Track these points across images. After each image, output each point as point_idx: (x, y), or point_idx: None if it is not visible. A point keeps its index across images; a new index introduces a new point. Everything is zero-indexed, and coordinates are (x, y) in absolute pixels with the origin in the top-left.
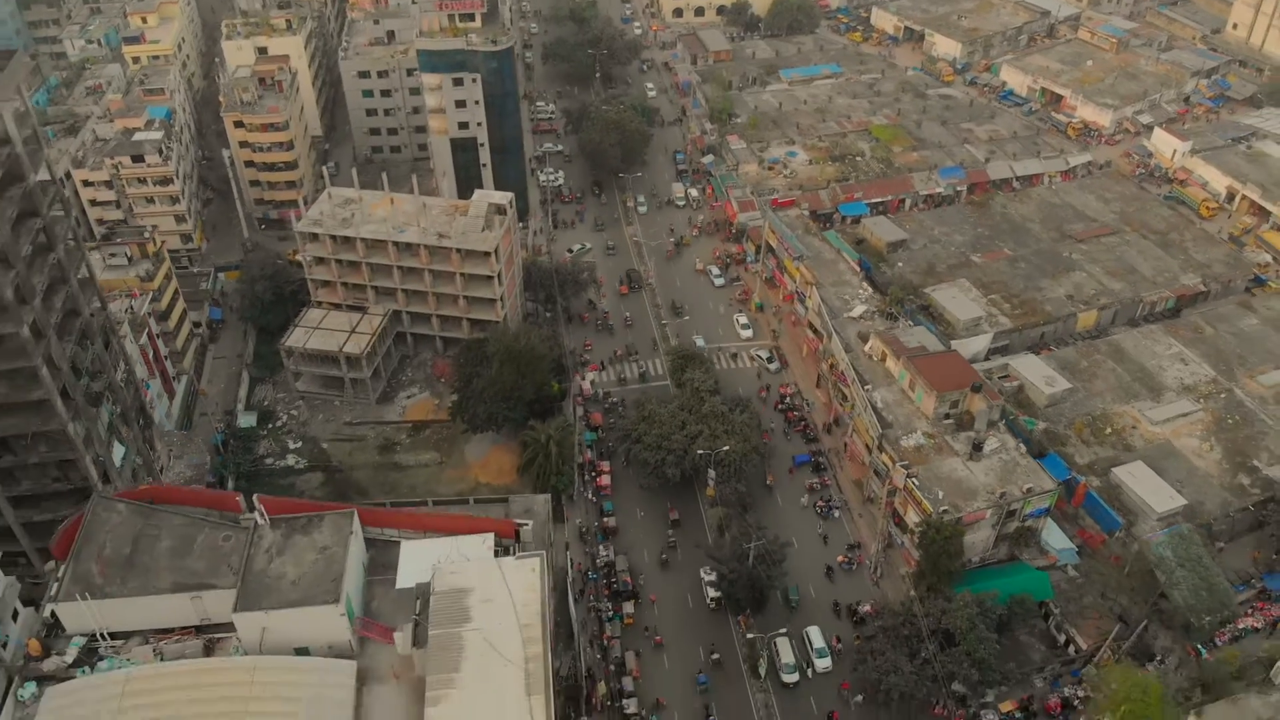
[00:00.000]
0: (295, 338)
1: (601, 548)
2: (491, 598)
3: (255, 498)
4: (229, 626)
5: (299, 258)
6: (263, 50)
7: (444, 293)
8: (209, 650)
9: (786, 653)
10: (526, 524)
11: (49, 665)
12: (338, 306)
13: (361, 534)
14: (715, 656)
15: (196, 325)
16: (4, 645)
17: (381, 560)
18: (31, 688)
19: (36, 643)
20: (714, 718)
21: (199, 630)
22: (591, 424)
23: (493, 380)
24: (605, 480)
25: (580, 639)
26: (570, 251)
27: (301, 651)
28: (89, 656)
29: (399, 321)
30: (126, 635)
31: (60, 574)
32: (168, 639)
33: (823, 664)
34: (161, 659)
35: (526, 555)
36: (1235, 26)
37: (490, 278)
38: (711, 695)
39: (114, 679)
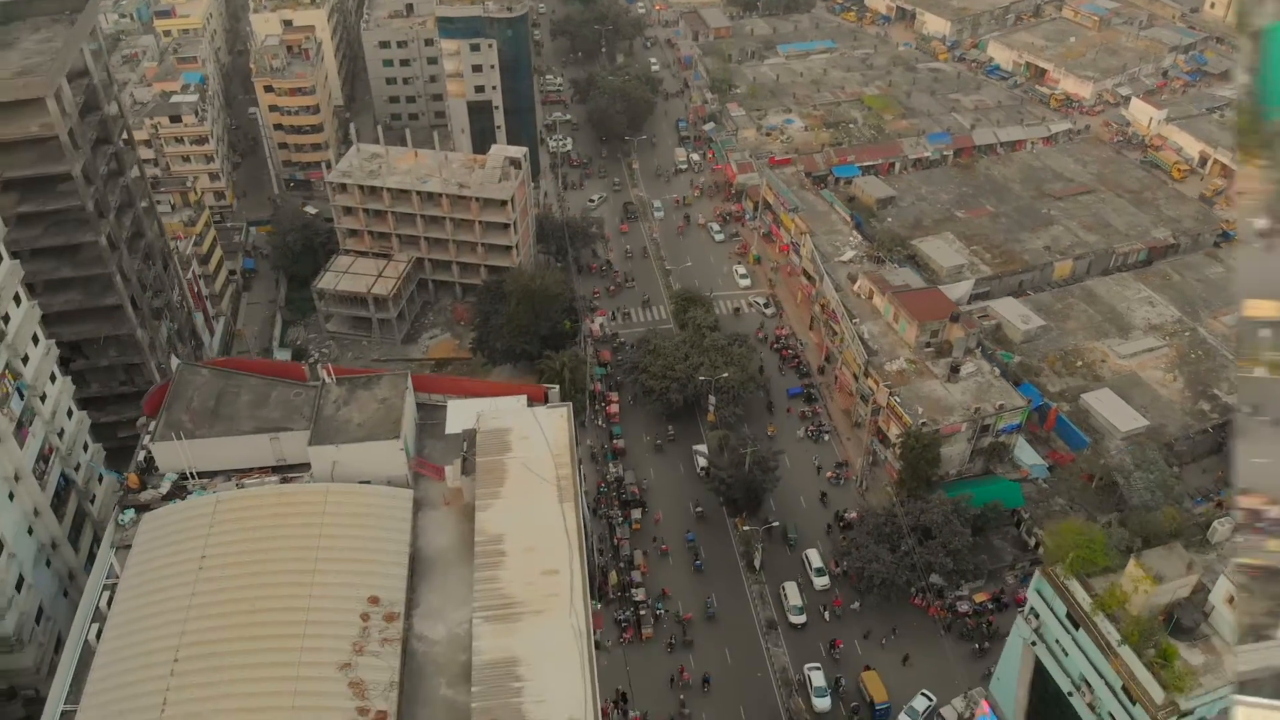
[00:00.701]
0: (326, 281)
1: (611, 465)
2: (528, 435)
3: (319, 365)
4: (302, 467)
5: (307, 209)
6: (288, 23)
7: (463, 240)
8: None
9: (794, 596)
10: (554, 387)
11: (145, 496)
12: (364, 254)
13: (414, 392)
14: (699, 510)
15: (232, 273)
16: (93, 500)
17: (430, 420)
18: (130, 514)
19: (135, 477)
20: (711, 597)
21: (275, 470)
22: (601, 361)
23: (510, 317)
24: (614, 409)
25: (593, 540)
26: (591, 202)
27: (364, 483)
28: (179, 492)
29: (421, 268)
30: (212, 474)
31: (153, 425)
32: (248, 477)
33: (821, 582)
34: None
35: (556, 405)
36: (1212, 5)
37: (506, 225)
38: (700, 546)
39: (205, 501)
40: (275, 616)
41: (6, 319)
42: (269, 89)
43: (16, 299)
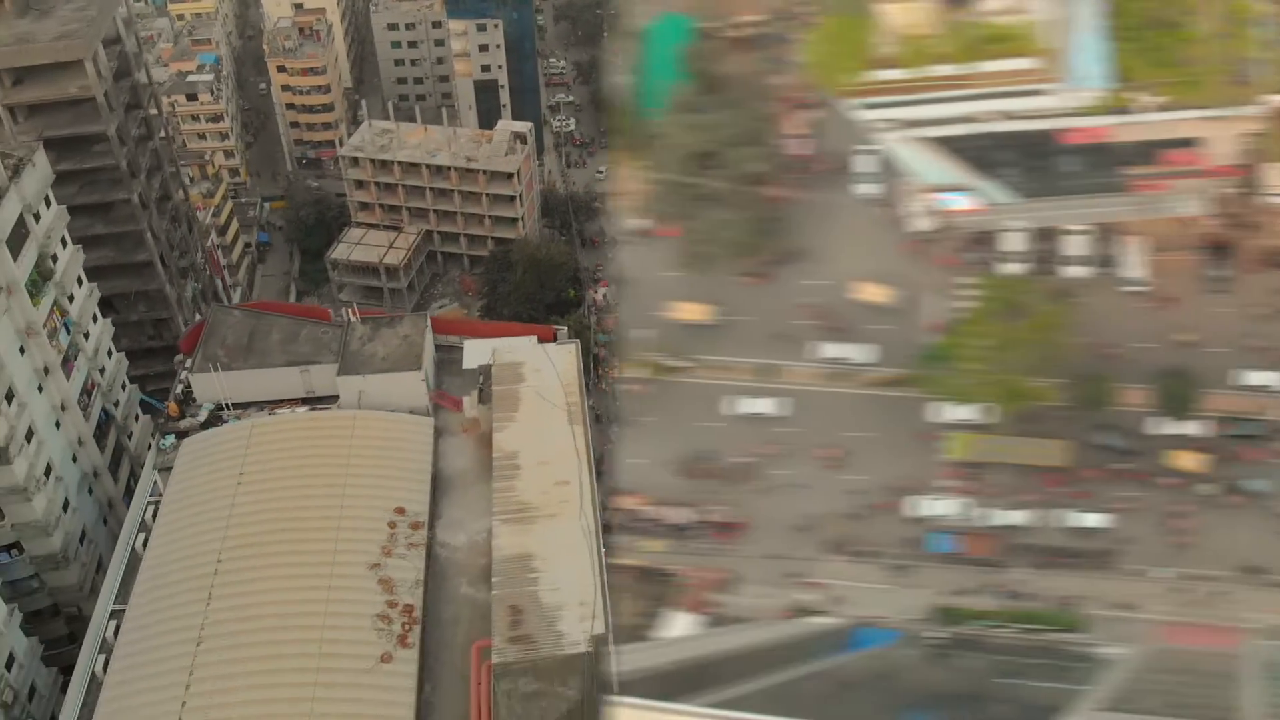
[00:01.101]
0: (339, 251)
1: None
2: (540, 368)
3: (343, 308)
4: (330, 399)
5: (310, 183)
6: (299, 5)
7: (471, 213)
8: None
9: None
10: (563, 328)
11: (184, 425)
12: (375, 226)
13: (432, 332)
14: None
15: (247, 245)
16: (130, 436)
17: (447, 359)
18: (171, 439)
19: (175, 405)
20: None
21: (304, 401)
22: (605, 328)
23: (517, 285)
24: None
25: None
26: (599, 173)
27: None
28: (215, 421)
29: (430, 241)
30: (245, 405)
31: (190, 361)
32: (280, 407)
33: None
34: None
35: (565, 342)
36: None
37: (513, 198)
38: None
39: (241, 426)
40: (309, 524)
41: (55, 259)
42: (282, 69)
43: (64, 242)
